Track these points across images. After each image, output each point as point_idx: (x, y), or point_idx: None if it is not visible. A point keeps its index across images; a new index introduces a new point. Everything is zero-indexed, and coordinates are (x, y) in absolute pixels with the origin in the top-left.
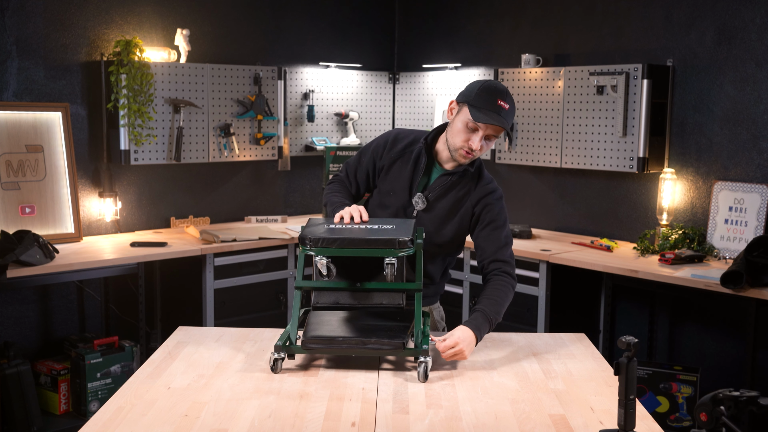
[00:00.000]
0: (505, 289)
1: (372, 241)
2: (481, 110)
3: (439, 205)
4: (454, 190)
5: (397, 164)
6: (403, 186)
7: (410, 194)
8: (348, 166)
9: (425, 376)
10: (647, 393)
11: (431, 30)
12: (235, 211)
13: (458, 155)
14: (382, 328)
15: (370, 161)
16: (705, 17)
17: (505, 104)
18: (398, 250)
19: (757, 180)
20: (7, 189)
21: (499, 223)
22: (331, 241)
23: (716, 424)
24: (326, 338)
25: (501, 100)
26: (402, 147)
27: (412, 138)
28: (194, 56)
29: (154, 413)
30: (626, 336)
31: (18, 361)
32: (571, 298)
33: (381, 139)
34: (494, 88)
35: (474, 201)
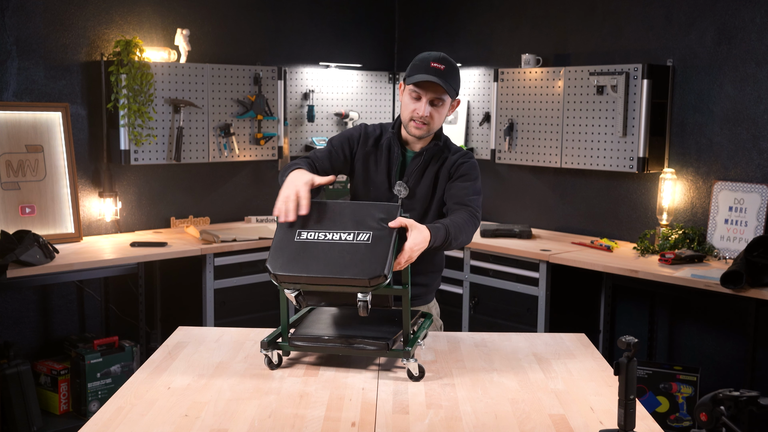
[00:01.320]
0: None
1: (339, 279)
2: (414, 75)
3: (420, 186)
4: (429, 166)
5: (372, 158)
6: (382, 178)
7: (389, 184)
8: (318, 154)
9: (412, 377)
10: (647, 393)
11: (431, 30)
12: (235, 211)
13: (411, 128)
14: (372, 329)
15: (346, 147)
16: (705, 17)
17: (439, 65)
18: (370, 287)
19: (757, 180)
20: (7, 189)
21: (471, 177)
22: (295, 278)
23: (716, 424)
24: (312, 337)
25: (434, 62)
26: (374, 141)
27: (380, 131)
28: (194, 56)
29: (154, 413)
30: (626, 336)
31: (18, 361)
32: (571, 298)
33: (354, 131)
34: (426, 55)
35: (449, 167)
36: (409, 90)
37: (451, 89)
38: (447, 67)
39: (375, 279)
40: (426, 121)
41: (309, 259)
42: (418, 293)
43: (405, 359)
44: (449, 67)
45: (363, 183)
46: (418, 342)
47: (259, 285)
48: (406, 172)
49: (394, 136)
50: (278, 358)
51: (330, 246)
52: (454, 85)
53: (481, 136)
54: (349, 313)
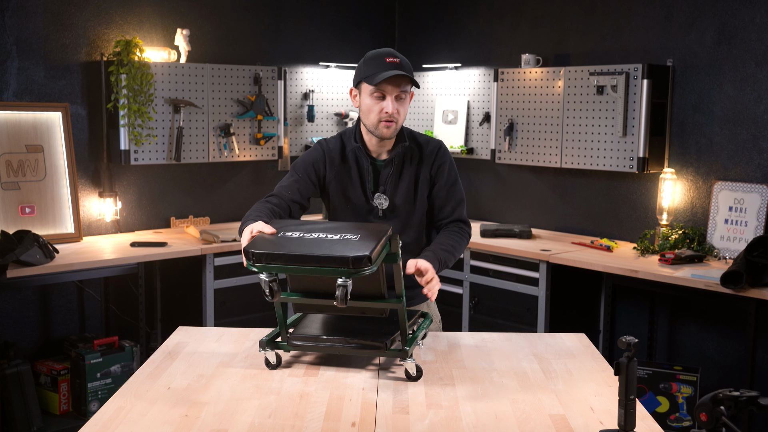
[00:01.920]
0: (459, 238)
1: (322, 258)
2: (375, 74)
3: (398, 193)
4: (404, 169)
5: (345, 175)
6: (358, 193)
7: (366, 197)
8: (286, 186)
9: (410, 377)
10: (647, 393)
11: (431, 30)
12: (235, 211)
13: (382, 129)
14: (371, 330)
15: (311, 173)
16: (705, 17)
17: (394, 59)
18: (353, 269)
19: (757, 180)
20: (7, 189)
21: (452, 180)
22: (274, 256)
23: (716, 424)
24: (311, 336)
25: (388, 57)
26: (339, 156)
27: (340, 143)
28: (194, 56)
29: (154, 413)
30: (626, 336)
31: (18, 361)
32: (571, 298)
33: (315, 153)
34: (378, 52)
35: (428, 167)
36: (370, 91)
37: (414, 80)
38: (401, 60)
39: (358, 261)
40: (394, 118)
41: (292, 244)
42: (414, 294)
43: (402, 359)
44: (402, 59)
45: (340, 202)
46: (417, 342)
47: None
48: (381, 181)
49: (360, 150)
50: (276, 358)
51: (315, 239)
52: (412, 75)
53: (481, 136)
54: (347, 315)
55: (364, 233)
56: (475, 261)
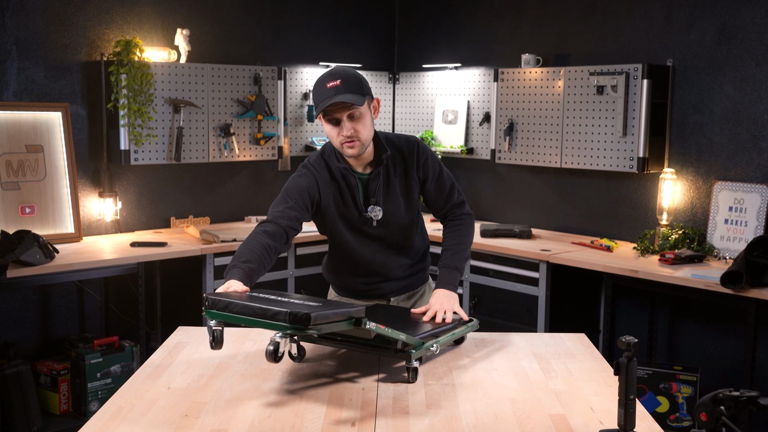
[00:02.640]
0: (465, 232)
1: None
2: (319, 104)
3: (389, 203)
4: (391, 178)
5: (338, 193)
6: (351, 210)
7: (359, 211)
8: (281, 210)
9: (408, 377)
10: (647, 393)
11: (431, 30)
12: (235, 211)
13: (347, 150)
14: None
15: (306, 198)
16: (705, 17)
17: (334, 82)
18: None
19: (757, 180)
20: (7, 189)
21: (437, 171)
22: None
23: (716, 424)
24: (327, 335)
25: (329, 82)
26: (329, 179)
27: (325, 166)
28: (194, 56)
29: (154, 413)
30: (626, 336)
31: (18, 361)
32: (571, 298)
33: (307, 178)
34: (322, 77)
35: (413, 169)
36: (325, 119)
37: (358, 97)
38: (343, 79)
39: (297, 319)
40: (354, 137)
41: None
42: (416, 279)
43: (408, 362)
44: (345, 77)
45: (336, 220)
46: (429, 347)
47: (259, 285)
48: (371, 193)
49: (345, 170)
50: (298, 350)
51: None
52: (359, 91)
53: (481, 136)
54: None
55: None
56: (475, 261)
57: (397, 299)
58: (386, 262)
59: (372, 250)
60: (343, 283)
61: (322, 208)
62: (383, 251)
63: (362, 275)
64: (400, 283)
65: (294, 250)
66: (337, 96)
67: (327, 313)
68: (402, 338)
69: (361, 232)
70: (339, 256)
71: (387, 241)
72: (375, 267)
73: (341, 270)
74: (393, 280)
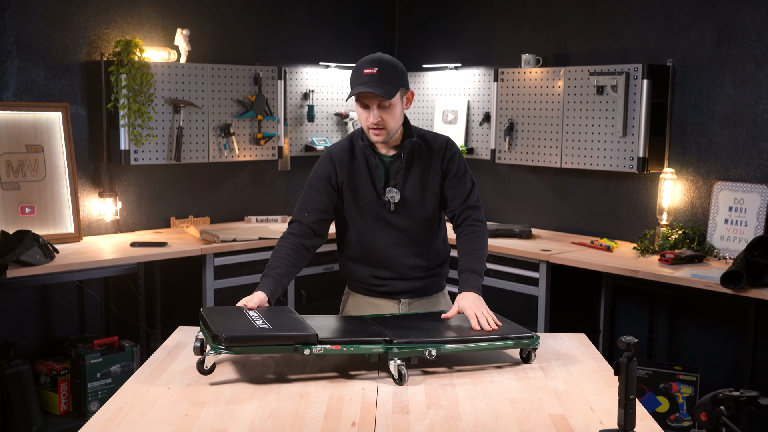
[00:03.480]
0: (481, 239)
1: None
2: (352, 88)
3: (409, 185)
4: (413, 164)
5: (355, 176)
6: (368, 191)
7: (377, 193)
8: (303, 204)
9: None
10: (647, 393)
11: (431, 30)
12: (235, 211)
13: (371, 135)
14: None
15: (327, 186)
16: (705, 17)
17: (371, 70)
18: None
19: (757, 180)
20: (7, 189)
21: (462, 170)
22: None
23: (716, 424)
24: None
25: (367, 68)
26: (348, 160)
27: (348, 147)
28: (194, 56)
29: (154, 413)
30: (626, 336)
31: (18, 361)
32: (571, 298)
33: (326, 165)
34: (361, 62)
35: (438, 160)
36: (356, 102)
37: (390, 89)
38: (380, 68)
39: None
40: (380, 125)
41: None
42: (431, 283)
43: (391, 360)
44: (383, 67)
45: (352, 200)
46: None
47: None
48: (390, 176)
49: (367, 148)
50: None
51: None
52: (393, 83)
53: (481, 136)
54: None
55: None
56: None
57: (409, 303)
58: (401, 258)
59: (387, 240)
60: (355, 275)
61: (342, 191)
62: (399, 245)
63: (375, 266)
64: (412, 284)
65: None
66: (368, 85)
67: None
68: (361, 350)
69: (378, 218)
70: (353, 245)
71: (404, 232)
72: (388, 261)
73: (355, 259)
74: (406, 279)
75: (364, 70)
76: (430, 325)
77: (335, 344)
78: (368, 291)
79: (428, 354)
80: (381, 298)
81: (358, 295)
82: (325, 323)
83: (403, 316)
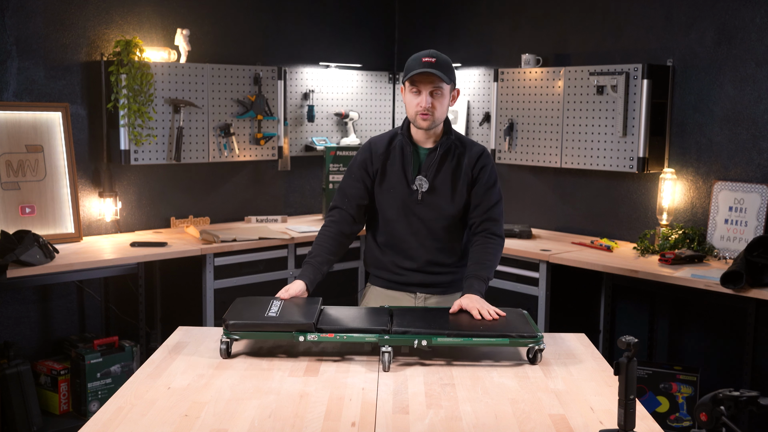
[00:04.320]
0: (494, 251)
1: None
2: (410, 72)
3: (439, 179)
4: (447, 161)
5: (389, 163)
6: (399, 178)
7: (407, 181)
8: (342, 191)
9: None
10: (647, 393)
11: (431, 30)
12: (235, 211)
13: (419, 121)
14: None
15: (363, 173)
16: (705, 17)
17: (430, 59)
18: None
19: (757, 180)
20: (7, 189)
21: (491, 182)
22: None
23: (716, 424)
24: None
25: (425, 57)
26: (385, 148)
27: (388, 137)
28: (194, 56)
29: (154, 413)
30: (626, 336)
31: (18, 361)
32: (571, 298)
33: (365, 153)
34: (418, 54)
35: (471, 164)
36: (409, 87)
37: (446, 76)
38: (438, 60)
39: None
40: (429, 111)
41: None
42: (449, 281)
43: (383, 346)
44: (440, 59)
45: (381, 188)
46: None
47: (259, 285)
48: (423, 167)
49: (404, 137)
50: None
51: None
52: (449, 74)
53: (481, 136)
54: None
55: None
56: None
57: (425, 298)
58: (422, 249)
59: (411, 230)
60: (379, 262)
61: (375, 177)
62: (422, 236)
63: (398, 255)
64: (431, 278)
65: (294, 250)
66: (426, 70)
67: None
68: (355, 339)
69: (405, 206)
70: (381, 233)
71: (427, 224)
72: (411, 250)
73: (381, 245)
74: (425, 273)
75: (423, 58)
76: (438, 319)
77: (329, 332)
78: (388, 282)
79: (417, 344)
80: (399, 290)
81: (377, 288)
82: (341, 313)
83: (422, 309)
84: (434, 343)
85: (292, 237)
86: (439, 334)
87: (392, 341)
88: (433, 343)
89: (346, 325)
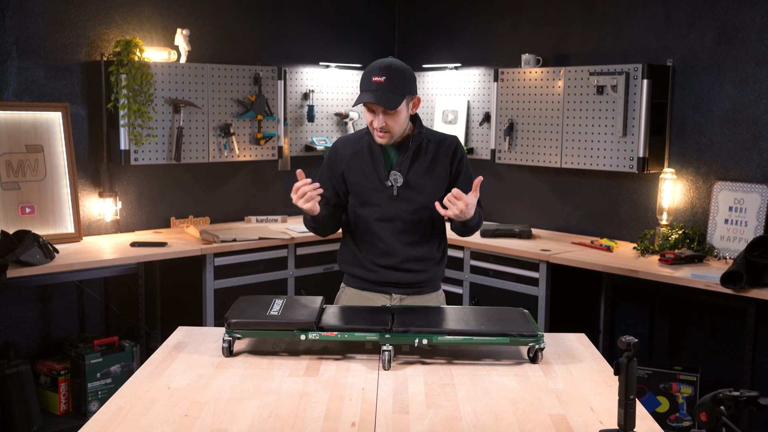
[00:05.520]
0: (477, 211)
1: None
2: (360, 94)
3: (413, 173)
4: (420, 156)
5: (355, 161)
6: (371, 176)
7: (380, 178)
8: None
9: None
10: (647, 393)
11: (431, 30)
12: (235, 211)
13: (375, 137)
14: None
15: (330, 174)
16: (705, 17)
17: (379, 78)
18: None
19: (757, 180)
20: (7, 189)
21: (470, 172)
22: (254, 324)
23: (716, 424)
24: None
25: (375, 76)
26: (351, 148)
27: (355, 138)
28: (194, 56)
29: (154, 413)
30: (626, 336)
31: (18, 361)
32: (571, 298)
33: (330, 152)
34: (370, 68)
35: (448, 160)
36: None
37: (394, 99)
38: (388, 77)
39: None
40: (385, 130)
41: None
42: (421, 279)
43: (384, 345)
44: (391, 75)
45: (356, 186)
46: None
47: (259, 285)
48: (396, 163)
49: (372, 138)
50: None
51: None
52: (399, 92)
53: (481, 136)
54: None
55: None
56: (475, 261)
57: (401, 298)
58: (399, 245)
59: (387, 226)
60: (354, 261)
61: (345, 175)
62: (398, 232)
63: (374, 254)
64: (407, 276)
65: (294, 250)
66: (374, 95)
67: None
68: (356, 338)
69: (381, 203)
70: (355, 230)
71: (404, 219)
72: (387, 247)
73: (356, 244)
74: (402, 271)
75: (373, 77)
76: (439, 318)
77: (331, 331)
78: (362, 281)
79: (418, 343)
80: (374, 291)
81: (352, 289)
82: (342, 312)
83: (423, 308)
84: (435, 342)
85: (292, 237)
86: (440, 332)
87: (393, 340)
88: (434, 341)
89: (348, 323)
